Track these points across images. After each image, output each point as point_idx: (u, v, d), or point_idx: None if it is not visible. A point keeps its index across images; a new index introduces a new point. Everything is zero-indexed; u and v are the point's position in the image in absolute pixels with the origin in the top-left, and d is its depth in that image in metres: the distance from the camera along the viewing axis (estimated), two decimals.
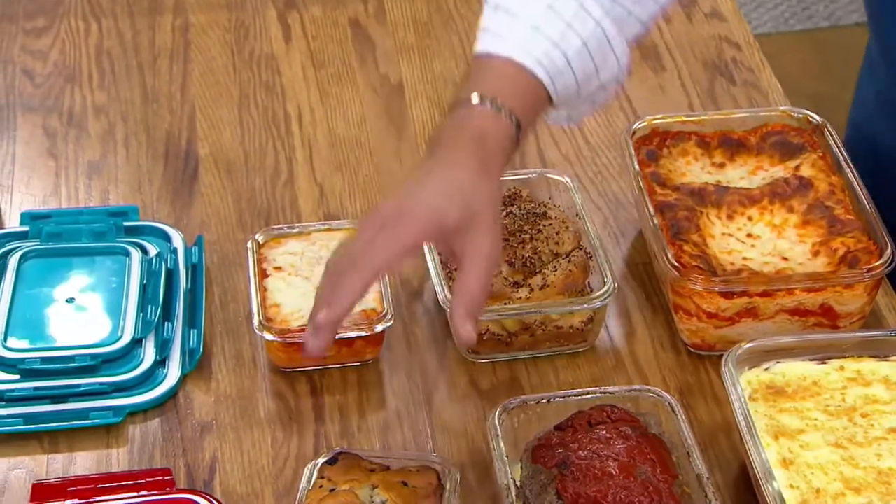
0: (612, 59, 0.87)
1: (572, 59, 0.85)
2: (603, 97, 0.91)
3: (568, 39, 0.85)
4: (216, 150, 1.19)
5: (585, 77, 0.86)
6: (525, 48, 0.84)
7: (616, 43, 0.87)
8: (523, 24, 0.85)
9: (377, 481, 0.83)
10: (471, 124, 0.84)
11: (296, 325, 0.95)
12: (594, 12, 0.86)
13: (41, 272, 1.02)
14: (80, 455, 0.90)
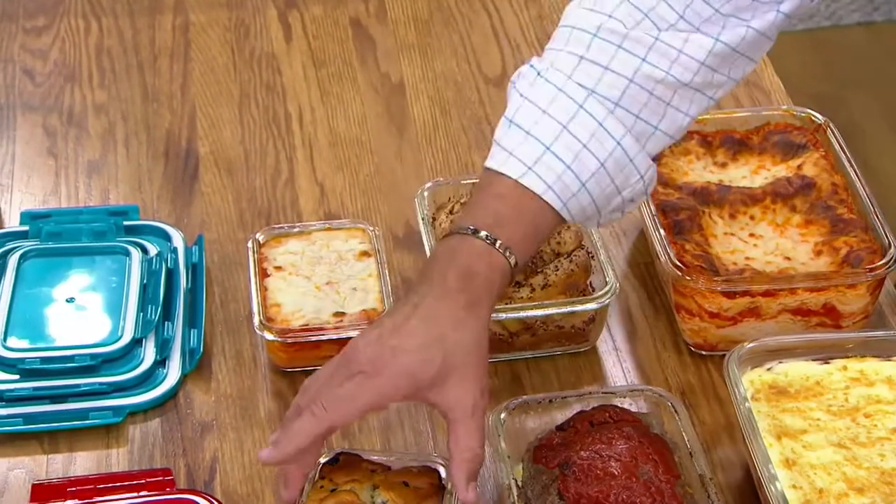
0: (634, 177, 0.82)
1: (587, 182, 0.80)
2: (632, 207, 0.85)
3: (583, 161, 0.80)
4: (217, 149, 1.19)
5: (605, 198, 0.82)
6: (536, 172, 0.80)
7: (639, 160, 0.82)
8: (535, 144, 0.80)
9: (378, 481, 0.84)
10: (460, 260, 0.79)
11: (296, 324, 0.95)
12: (615, 131, 0.80)
13: (41, 272, 1.01)
14: (80, 455, 0.90)
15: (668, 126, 0.82)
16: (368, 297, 0.98)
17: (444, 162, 1.18)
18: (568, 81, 0.80)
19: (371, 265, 1.00)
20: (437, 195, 1.06)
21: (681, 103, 0.82)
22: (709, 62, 0.80)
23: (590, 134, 0.80)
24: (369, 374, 0.76)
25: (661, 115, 0.81)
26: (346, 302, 0.97)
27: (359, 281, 0.99)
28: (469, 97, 1.26)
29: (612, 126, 0.80)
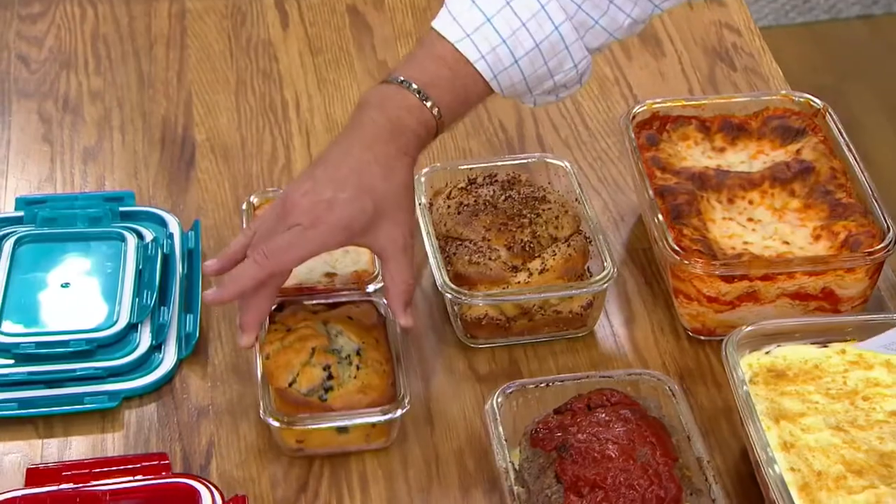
0: (568, 64, 0.87)
1: (520, 59, 0.85)
2: (566, 93, 0.91)
3: (519, 39, 0.85)
4: (213, 136, 1.18)
5: (536, 78, 0.87)
6: (472, 40, 0.85)
7: (574, 49, 0.87)
8: (478, 14, 0.85)
9: (326, 318, 0.91)
10: (391, 111, 0.86)
11: (289, 284, 0.94)
12: (555, 16, 0.85)
13: (36, 257, 1.01)
14: (76, 440, 0.90)
15: (609, 23, 0.87)
16: (360, 259, 0.99)
17: (442, 148, 1.17)
18: None
19: None
20: (433, 180, 1.05)
21: (623, 3, 0.87)
22: None
23: (531, 14, 0.85)
24: (306, 226, 0.84)
25: (603, 11, 0.86)
26: (337, 263, 0.98)
27: None
28: None
29: (554, 10, 0.85)
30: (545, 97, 0.91)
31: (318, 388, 0.87)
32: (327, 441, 0.88)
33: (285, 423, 0.86)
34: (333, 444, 0.88)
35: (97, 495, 0.82)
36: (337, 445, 0.88)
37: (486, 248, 0.97)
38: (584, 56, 0.88)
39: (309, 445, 0.88)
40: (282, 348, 0.89)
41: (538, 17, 0.85)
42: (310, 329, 0.90)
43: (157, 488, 0.84)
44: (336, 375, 0.88)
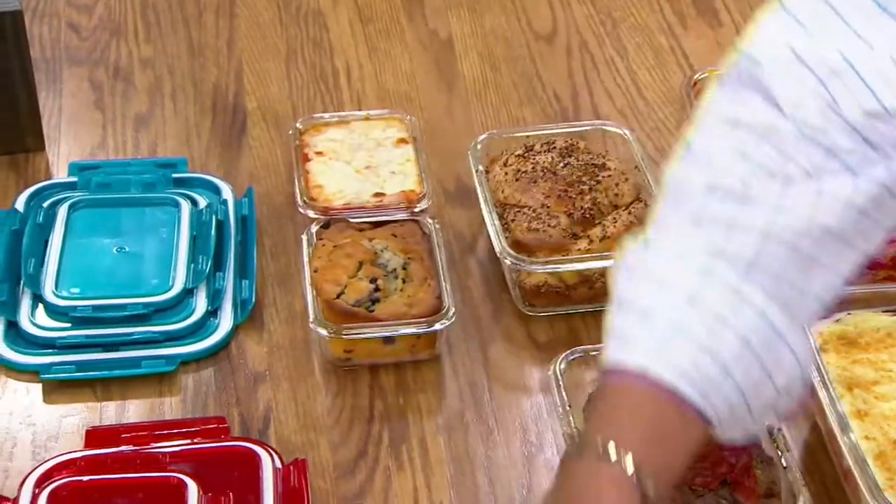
0: (787, 358, 0.63)
1: (729, 366, 0.62)
2: (787, 403, 0.65)
3: (720, 339, 0.62)
4: (264, 104, 1.17)
5: (753, 386, 0.63)
6: (662, 357, 0.62)
7: (790, 335, 0.63)
8: (657, 324, 0.63)
9: (371, 235, 0.93)
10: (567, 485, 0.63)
11: (338, 203, 0.98)
12: (754, 298, 0.63)
13: (91, 222, 1.00)
14: (133, 403, 0.89)
15: (819, 287, 0.65)
16: (407, 180, 1.00)
17: (496, 118, 1.16)
18: (686, 246, 0.64)
19: (409, 151, 1.04)
20: (489, 147, 1.04)
21: (830, 258, 0.64)
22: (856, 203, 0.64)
23: (723, 303, 0.63)
24: None
25: (810, 276, 0.64)
26: (385, 184, 1.00)
27: (397, 165, 1.02)
28: (519, 53, 1.23)
29: (749, 292, 0.63)
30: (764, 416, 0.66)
31: (366, 300, 0.89)
32: (374, 352, 0.89)
33: (333, 333, 0.87)
34: (380, 354, 0.89)
35: (157, 457, 0.82)
36: (383, 356, 0.90)
37: (546, 215, 0.95)
38: (804, 343, 0.65)
39: (357, 356, 0.89)
40: (329, 263, 0.91)
41: (734, 306, 0.63)
42: (356, 245, 0.91)
43: (216, 451, 0.83)
44: (383, 288, 0.90)
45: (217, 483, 0.80)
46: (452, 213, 1.06)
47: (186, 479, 0.79)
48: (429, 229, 0.96)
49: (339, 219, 0.97)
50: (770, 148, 0.64)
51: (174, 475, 0.79)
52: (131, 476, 0.79)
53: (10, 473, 0.83)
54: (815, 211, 0.63)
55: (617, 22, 1.27)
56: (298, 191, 0.99)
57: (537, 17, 1.28)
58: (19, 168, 1.09)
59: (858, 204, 0.64)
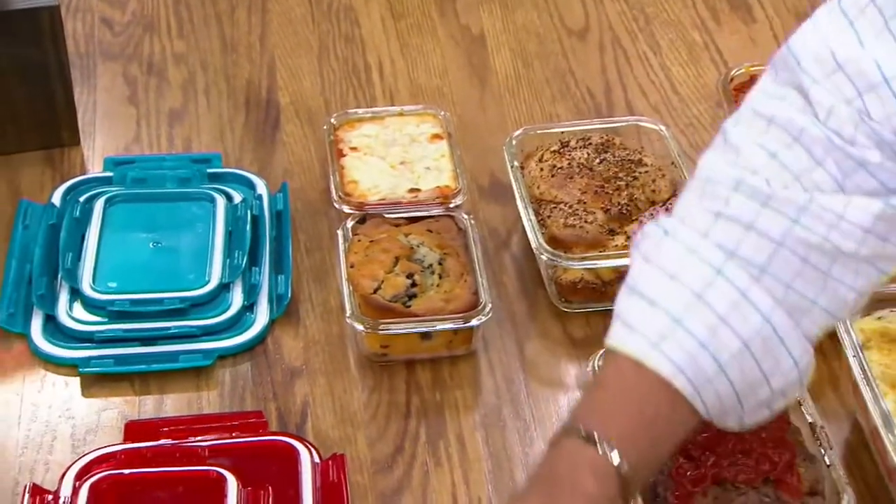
0: (786, 363, 0.65)
1: (727, 365, 0.63)
2: (783, 404, 0.67)
3: (721, 339, 0.63)
4: (297, 99, 1.17)
5: (749, 386, 0.65)
6: (661, 349, 0.64)
7: (791, 341, 0.65)
8: (661, 315, 0.64)
9: (407, 231, 0.93)
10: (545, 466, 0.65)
11: (373, 199, 0.98)
12: (761, 304, 0.64)
13: (127, 217, 1.01)
14: (170, 397, 0.89)
15: (829, 301, 0.65)
16: (442, 176, 1.01)
17: (528, 114, 1.16)
18: (703, 241, 0.65)
19: (443, 147, 1.03)
20: (524, 143, 1.04)
21: (844, 274, 0.65)
22: (877, 229, 0.64)
23: (730, 305, 0.64)
24: None
25: (820, 288, 0.65)
26: (420, 179, 1.00)
27: (432, 161, 1.02)
28: (552, 49, 1.23)
29: (758, 297, 0.64)
30: (756, 414, 0.67)
31: (402, 295, 0.89)
32: (411, 347, 0.89)
33: (370, 328, 0.87)
34: (417, 350, 0.89)
35: (196, 451, 0.82)
36: (420, 352, 0.90)
37: (582, 210, 0.95)
38: (805, 350, 0.66)
39: (393, 352, 0.89)
40: (365, 258, 0.91)
41: (740, 307, 0.63)
42: (392, 240, 0.92)
43: (255, 445, 0.83)
44: (419, 284, 0.90)
45: (256, 477, 0.80)
46: (487, 208, 1.06)
47: (226, 472, 0.79)
48: (464, 225, 0.96)
49: (374, 214, 0.97)
50: (801, 151, 0.65)
51: (213, 469, 0.79)
52: (171, 469, 0.80)
53: (51, 466, 0.84)
54: (832, 231, 0.64)
55: (650, 18, 1.26)
56: (333, 186, 1.00)
57: (569, 13, 1.27)
58: (55, 163, 1.09)
59: (880, 230, 0.64)
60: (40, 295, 0.93)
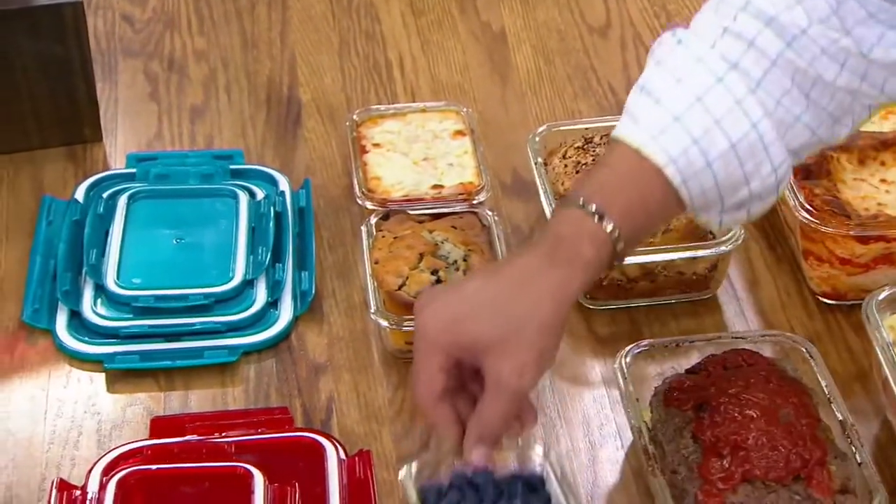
0: (766, 168, 0.72)
1: (713, 161, 0.71)
2: (759, 208, 0.75)
3: (712, 138, 0.71)
4: (318, 96, 1.17)
5: (730, 185, 0.73)
6: (659, 141, 0.72)
7: (774, 150, 0.72)
8: (664, 112, 0.72)
9: (431, 227, 0.93)
10: (552, 228, 0.73)
11: (396, 196, 0.98)
12: (752, 112, 0.72)
13: (150, 213, 1.00)
14: (196, 393, 0.89)
15: (811, 119, 0.73)
16: (465, 172, 1.00)
17: (550, 111, 1.16)
18: (710, 52, 0.73)
19: (466, 143, 1.04)
20: (548, 140, 1.03)
21: (821, 98, 0.73)
22: (856, 68, 0.72)
23: (725, 110, 0.72)
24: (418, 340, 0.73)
25: (804, 108, 0.73)
26: (443, 176, 1.00)
27: (455, 157, 1.02)
28: (573, 46, 1.23)
29: (751, 106, 0.72)
30: (734, 213, 0.75)
31: None
32: None
33: (395, 324, 0.87)
34: None
35: (222, 447, 0.82)
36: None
37: None
38: (784, 159, 0.73)
39: None
40: (390, 254, 0.91)
41: (734, 113, 0.71)
42: (416, 236, 0.92)
43: (281, 442, 0.83)
44: (444, 280, 0.89)
45: (282, 473, 0.80)
46: (510, 205, 1.05)
47: (252, 469, 0.79)
48: (488, 221, 0.96)
49: (398, 211, 0.96)
50: None
51: (240, 465, 0.79)
52: (198, 465, 0.79)
53: (77, 462, 0.84)
54: (818, 62, 0.72)
55: (671, 15, 1.26)
56: (357, 182, 0.99)
57: (590, 10, 1.27)
58: (77, 159, 1.09)
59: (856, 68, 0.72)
60: (65, 291, 0.93)
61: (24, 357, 0.91)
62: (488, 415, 0.72)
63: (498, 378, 0.71)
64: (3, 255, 0.99)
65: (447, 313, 0.72)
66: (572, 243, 0.71)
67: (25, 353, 0.91)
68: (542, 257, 0.72)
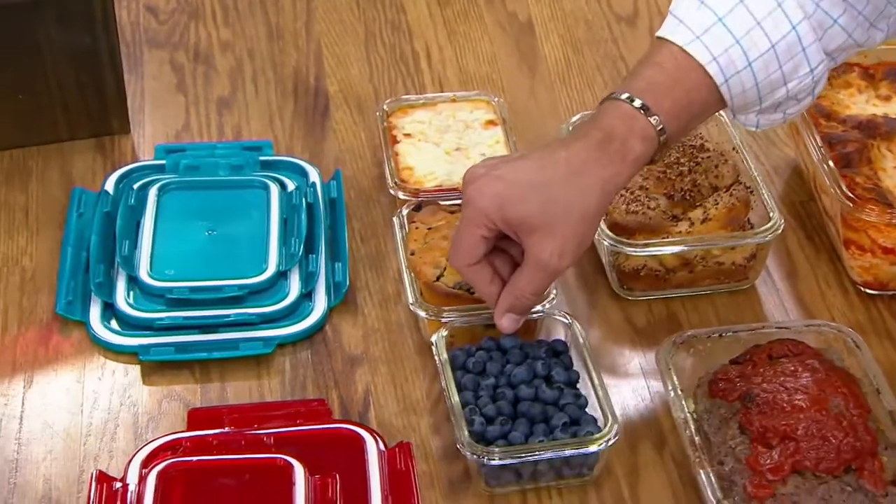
0: (804, 69, 0.78)
1: (754, 61, 0.77)
2: (795, 109, 0.81)
3: (754, 39, 0.77)
4: (345, 87, 1.16)
5: (769, 84, 0.78)
6: (703, 41, 0.77)
7: (812, 51, 0.78)
8: (707, 13, 0.77)
9: None
10: (602, 121, 0.78)
11: (429, 186, 0.97)
12: (793, 15, 0.77)
13: (181, 204, 1.00)
14: (232, 385, 0.88)
15: (848, 22, 0.78)
16: None
17: (580, 100, 1.15)
18: None
19: (498, 133, 1.03)
20: None
21: (857, 2, 0.78)
22: None
23: (767, 12, 0.76)
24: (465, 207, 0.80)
25: (841, 11, 0.78)
26: None
27: (487, 147, 1.02)
28: (601, 36, 1.22)
29: (791, 8, 0.76)
30: (771, 115, 0.81)
31: (466, 282, 0.87)
32: (474, 335, 0.88)
33: (433, 315, 0.87)
34: (480, 338, 0.87)
35: (261, 439, 0.81)
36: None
37: (644, 196, 0.94)
38: (822, 60, 0.78)
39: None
40: (426, 245, 0.90)
41: (774, 15, 0.76)
42: (451, 227, 0.90)
43: (320, 433, 0.82)
44: None
45: (322, 465, 0.79)
46: None
47: (293, 460, 0.78)
48: None
49: (429, 201, 0.96)
50: None
51: (281, 457, 0.78)
52: (238, 457, 0.79)
53: (115, 454, 0.83)
54: None
55: None
56: (388, 172, 0.99)
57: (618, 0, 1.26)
58: (105, 150, 1.08)
59: None
60: (98, 283, 0.92)
61: (58, 349, 0.90)
62: (522, 287, 0.80)
63: (539, 257, 0.78)
64: (35, 247, 0.98)
65: (498, 189, 0.78)
66: (624, 139, 0.77)
67: (60, 345, 0.90)
68: (593, 149, 0.77)
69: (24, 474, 0.81)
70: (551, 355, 0.84)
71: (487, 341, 0.84)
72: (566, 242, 0.77)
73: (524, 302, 0.81)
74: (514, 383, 0.82)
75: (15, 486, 0.80)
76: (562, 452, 0.77)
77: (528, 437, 0.78)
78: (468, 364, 0.83)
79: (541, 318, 0.87)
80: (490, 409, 0.80)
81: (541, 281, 0.79)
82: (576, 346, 0.85)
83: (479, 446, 0.78)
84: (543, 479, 0.80)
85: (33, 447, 0.83)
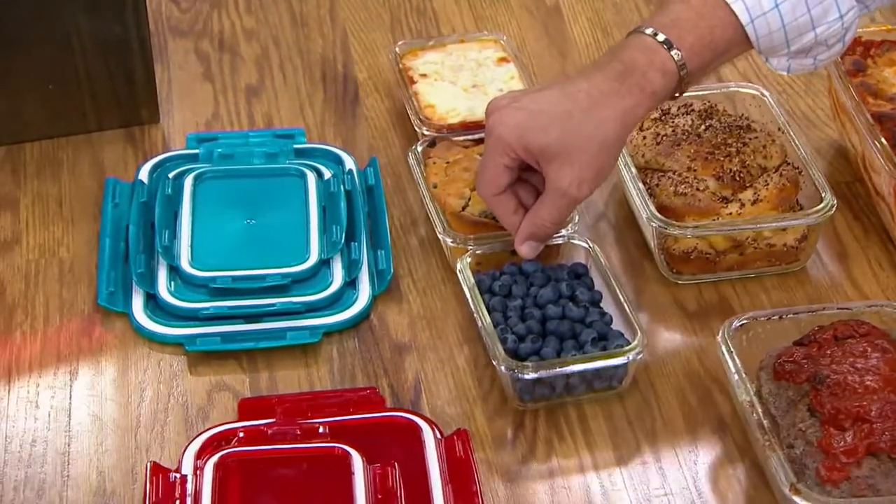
0: (833, 14, 0.78)
1: (782, 4, 0.77)
2: (825, 56, 0.81)
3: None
4: (374, 74, 1.14)
5: (796, 27, 0.78)
6: None
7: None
8: None
9: (480, 151, 0.92)
10: (624, 53, 0.79)
11: (453, 121, 0.98)
12: None
13: (217, 193, 0.98)
14: (280, 374, 0.87)
15: None
16: None
17: None
18: None
19: (511, 69, 1.05)
20: None
21: None
22: None
23: None
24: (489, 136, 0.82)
25: None
26: None
27: (503, 83, 1.03)
28: (630, 18, 1.20)
29: None
30: (801, 61, 0.81)
31: (490, 211, 0.88)
32: (500, 263, 0.89)
33: (460, 243, 0.88)
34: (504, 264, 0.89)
35: (315, 428, 0.79)
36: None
37: (693, 178, 0.92)
38: (852, 6, 0.78)
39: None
40: (448, 178, 0.91)
41: None
42: (470, 160, 0.92)
43: (376, 422, 0.81)
44: None
45: (380, 454, 0.77)
46: None
47: (350, 450, 0.76)
48: None
49: (442, 137, 0.97)
50: None
51: (338, 446, 0.77)
52: (295, 447, 0.77)
53: (166, 445, 0.81)
54: None
55: None
56: (411, 111, 1.00)
57: None
58: (136, 140, 1.06)
59: None
60: (140, 273, 0.90)
61: (102, 340, 0.88)
62: (543, 215, 0.82)
63: (558, 185, 0.80)
64: (71, 238, 0.96)
65: (519, 120, 0.80)
66: (644, 72, 0.78)
67: (104, 336, 0.88)
68: (613, 81, 0.78)
69: (76, 467, 0.79)
70: (573, 277, 0.87)
71: (510, 266, 0.87)
72: (585, 172, 0.79)
73: (544, 230, 0.83)
74: (540, 303, 0.84)
75: (68, 479, 0.79)
76: (593, 365, 0.80)
77: (559, 353, 0.81)
78: (494, 287, 0.86)
79: (563, 244, 0.89)
80: (520, 328, 0.83)
81: (560, 209, 0.81)
82: (598, 268, 0.87)
83: (515, 361, 0.80)
84: (575, 391, 0.82)
85: (84, 439, 0.81)
